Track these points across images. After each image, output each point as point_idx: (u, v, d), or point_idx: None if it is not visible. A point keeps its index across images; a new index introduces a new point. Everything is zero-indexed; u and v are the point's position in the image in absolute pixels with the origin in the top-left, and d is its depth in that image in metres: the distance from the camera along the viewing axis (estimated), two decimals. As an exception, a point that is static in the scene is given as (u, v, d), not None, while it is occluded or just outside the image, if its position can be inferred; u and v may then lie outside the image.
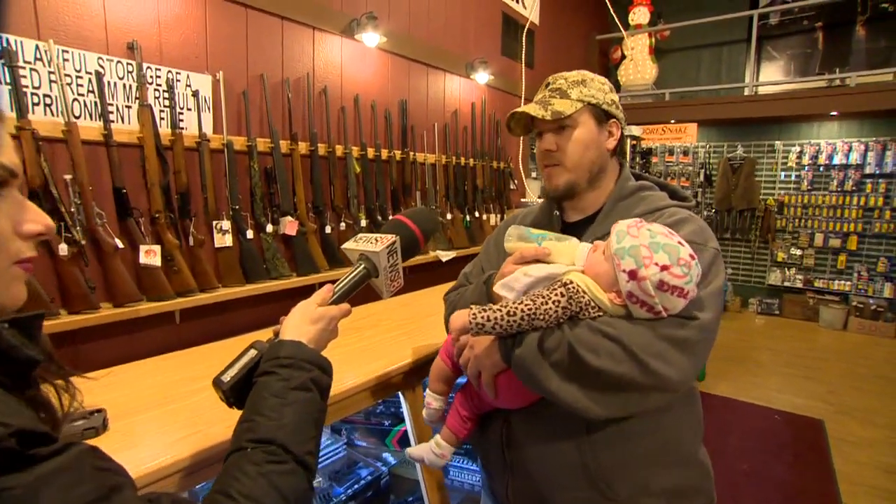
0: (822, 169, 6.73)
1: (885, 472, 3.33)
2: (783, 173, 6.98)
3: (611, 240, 0.98)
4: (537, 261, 1.07)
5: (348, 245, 1.07)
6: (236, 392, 0.88)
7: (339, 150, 3.03)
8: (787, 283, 7.01)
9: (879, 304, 6.30)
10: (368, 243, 1.04)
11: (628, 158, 5.02)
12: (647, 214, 1.15)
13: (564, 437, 1.10)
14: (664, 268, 0.92)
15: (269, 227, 2.61)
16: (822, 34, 6.67)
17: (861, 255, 6.61)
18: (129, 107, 2.10)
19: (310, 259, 2.78)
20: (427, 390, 1.29)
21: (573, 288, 0.97)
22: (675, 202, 1.20)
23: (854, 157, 6.48)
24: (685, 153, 7.31)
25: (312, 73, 2.91)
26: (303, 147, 2.81)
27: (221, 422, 1.16)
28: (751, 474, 3.31)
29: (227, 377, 0.89)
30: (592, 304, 0.97)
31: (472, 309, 0.97)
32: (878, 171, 6.40)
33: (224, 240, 2.41)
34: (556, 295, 0.97)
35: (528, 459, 1.15)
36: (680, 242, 0.95)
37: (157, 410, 1.26)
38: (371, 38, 3.16)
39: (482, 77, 4.35)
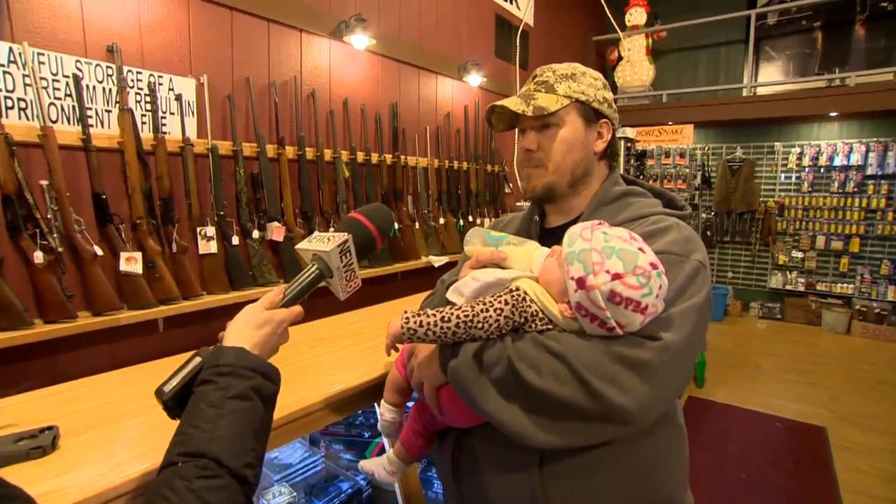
0: (822, 170, 6.74)
1: (888, 480, 3.30)
2: (783, 175, 6.98)
3: (563, 243, 0.89)
4: (494, 266, 1.01)
5: (302, 245, 1.03)
6: (178, 402, 0.85)
7: (328, 154, 3.02)
8: (788, 287, 7.00)
9: (883, 308, 6.28)
10: (320, 242, 1.01)
11: (621, 161, 5.01)
12: (630, 221, 1.06)
13: (515, 465, 0.99)
14: (616, 276, 0.82)
15: (256, 233, 2.59)
16: (820, 34, 6.69)
17: (864, 257, 6.60)
18: (108, 111, 2.09)
19: (297, 266, 2.74)
20: (382, 401, 1.23)
21: (519, 295, 0.90)
22: (667, 210, 1.11)
23: (855, 158, 6.49)
24: (682, 155, 7.31)
25: (300, 76, 2.90)
26: (290, 151, 2.79)
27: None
28: (751, 483, 3.27)
29: (168, 387, 0.85)
30: (540, 314, 0.90)
31: (405, 313, 0.92)
32: (879, 172, 6.40)
33: (209, 246, 2.38)
34: (499, 302, 0.90)
35: (479, 487, 1.05)
36: (641, 249, 0.85)
37: (113, 426, 1.19)
38: (360, 40, 3.15)
39: (475, 79, 4.34)
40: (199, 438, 0.75)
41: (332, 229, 1.09)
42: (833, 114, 6.07)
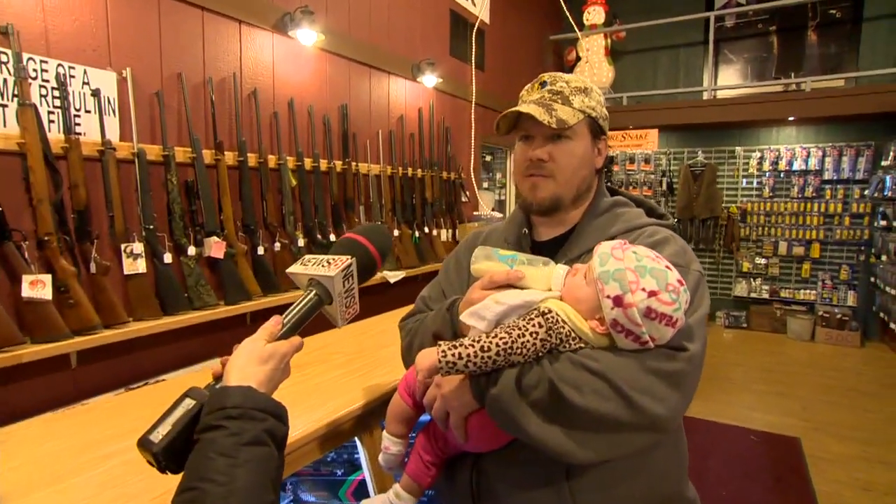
0: (782, 175, 6.91)
1: (864, 489, 3.36)
2: (745, 180, 7.14)
3: (593, 262, 0.96)
4: (509, 286, 1.04)
5: (295, 269, 1.03)
6: (171, 453, 0.80)
7: (272, 160, 2.94)
8: (753, 294, 7.14)
9: (844, 314, 6.47)
10: (319, 266, 1.01)
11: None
12: (626, 233, 1.15)
13: (543, 483, 1.05)
14: (652, 294, 0.90)
15: (192, 250, 2.48)
16: (776, 38, 6.89)
17: (824, 262, 6.79)
18: (4, 106, 1.85)
19: (240, 285, 2.67)
20: (384, 432, 1.21)
21: (553, 317, 0.94)
22: (653, 220, 1.19)
23: (813, 163, 6.68)
24: (646, 161, 7.40)
25: (240, 73, 2.79)
26: (230, 157, 2.69)
27: (145, 494, 1.02)
28: (732, 500, 3.25)
29: (157, 436, 0.80)
30: (573, 334, 0.95)
31: (440, 346, 0.93)
32: (836, 177, 6.62)
33: (135, 265, 2.24)
34: (533, 326, 0.94)
35: None
36: (668, 266, 0.94)
37: (52, 489, 1.08)
38: (307, 35, 3.03)
39: (430, 80, 4.29)
40: (216, 495, 0.71)
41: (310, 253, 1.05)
42: (791, 118, 6.23)
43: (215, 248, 2.56)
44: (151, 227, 2.30)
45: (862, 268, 6.57)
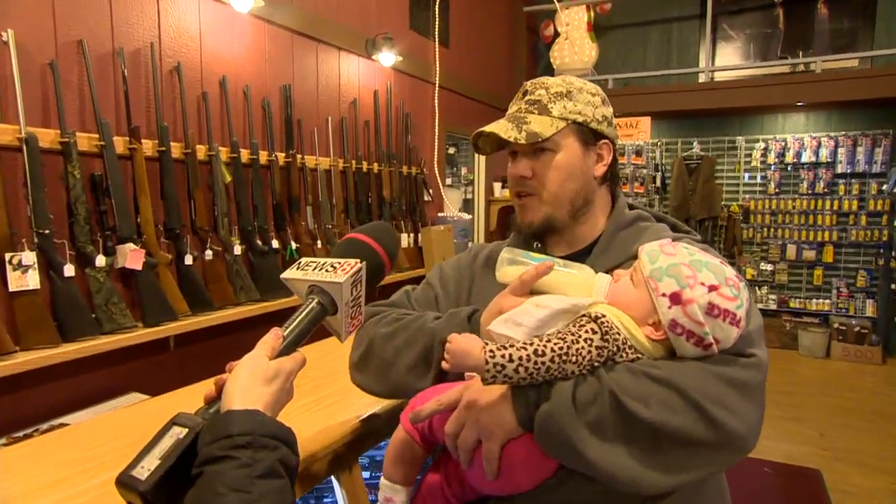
0: (790, 168, 7.06)
1: None
2: (747, 174, 7.28)
3: (640, 262, 1.01)
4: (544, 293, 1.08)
5: (292, 274, 1.06)
6: (163, 491, 0.79)
7: (201, 151, 2.94)
8: (759, 305, 7.22)
9: (863, 326, 6.60)
10: (322, 271, 1.03)
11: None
12: None
13: None
14: (712, 288, 0.94)
15: (100, 260, 2.45)
16: (781, 11, 7.04)
17: (839, 268, 6.94)
18: None
19: (162, 302, 2.65)
20: (382, 479, 1.19)
21: (607, 323, 0.97)
22: (682, 235, 1.25)
23: (824, 154, 6.84)
24: (637, 153, 7.49)
25: (159, 43, 2.75)
26: (148, 146, 2.67)
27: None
28: (751, 548, 3.25)
29: (143, 471, 0.79)
30: (629, 342, 0.98)
31: (487, 345, 0.92)
32: (850, 170, 6.78)
33: (24, 280, 2.18)
34: (587, 332, 0.96)
35: None
36: (722, 262, 0.99)
37: None
38: (241, -1, 3.03)
39: (387, 58, 4.31)
40: None
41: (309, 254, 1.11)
42: (799, 104, 6.35)
43: (131, 257, 2.53)
44: (47, 231, 2.25)
45: (881, 273, 6.69)
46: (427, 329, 1.22)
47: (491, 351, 0.91)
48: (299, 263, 1.07)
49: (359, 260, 1.04)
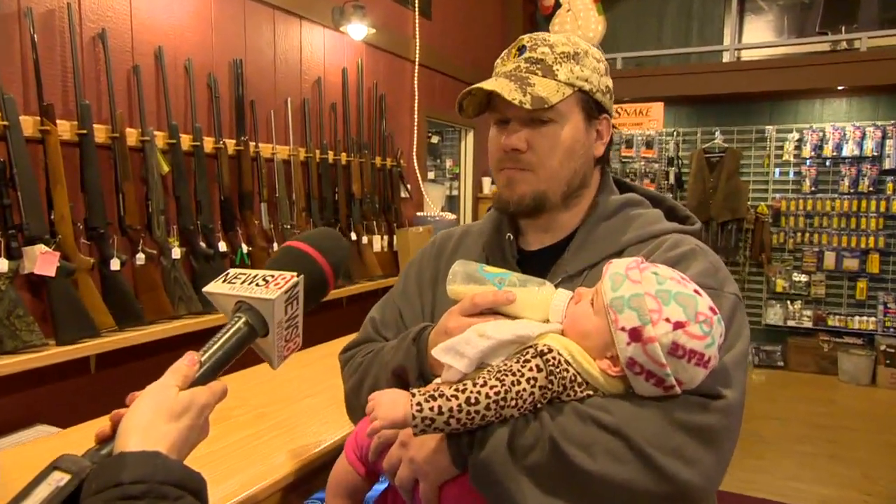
0: (828, 163, 7.06)
1: None
2: (778, 170, 7.30)
3: (603, 286, 1.02)
4: (496, 313, 1.10)
5: (216, 287, 1.04)
6: None
7: (132, 135, 2.93)
8: (791, 323, 7.27)
9: (914, 348, 6.63)
10: (252, 285, 1.01)
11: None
12: (640, 243, 1.23)
13: None
14: (678, 325, 0.95)
15: (2, 264, 2.44)
16: (821, -20, 7.04)
17: (885, 280, 6.95)
18: None
19: (81, 315, 2.62)
20: None
21: (554, 359, 0.99)
22: (675, 225, 1.27)
23: (869, 147, 6.83)
24: (648, 145, 7.45)
25: (78, 3, 2.74)
26: (65, 128, 2.65)
27: None
28: None
29: None
30: (579, 378, 1.01)
31: (414, 396, 0.96)
32: (899, 166, 6.82)
33: None
34: (529, 370, 0.98)
35: None
36: (696, 291, 1.00)
37: None
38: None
39: (357, 30, 4.31)
40: None
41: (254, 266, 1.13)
42: (840, 87, 6.34)
43: (41, 261, 2.50)
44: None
45: (936, 286, 6.70)
46: (381, 362, 1.27)
47: (418, 405, 0.95)
48: (227, 275, 1.06)
49: (296, 273, 1.02)
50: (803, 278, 7.16)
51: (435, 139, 7.05)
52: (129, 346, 2.70)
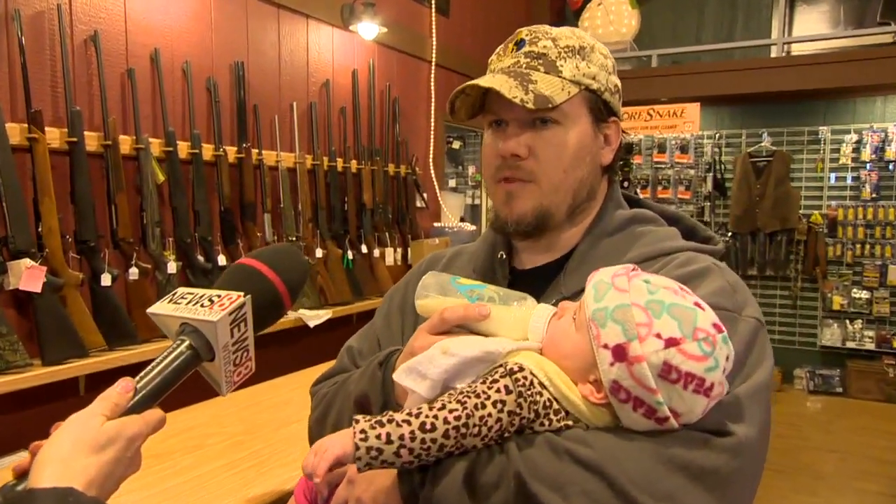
0: (891, 167, 7.01)
1: None
2: (833, 175, 7.25)
3: (586, 297, 0.97)
4: (467, 330, 1.07)
5: (161, 308, 1.03)
6: None
7: (126, 143, 2.93)
8: (850, 344, 7.20)
9: None
10: (197, 306, 1.00)
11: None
12: (648, 261, 1.16)
13: None
14: (671, 342, 0.88)
15: None
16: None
17: (957, 296, 6.89)
18: None
19: (69, 333, 2.63)
20: None
21: (524, 379, 0.94)
22: (691, 244, 1.21)
23: (937, 150, 6.79)
24: (683, 149, 7.42)
25: (69, 5, 2.75)
26: (54, 136, 2.67)
27: None
28: None
29: None
30: (555, 405, 0.95)
31: (357, 423, 0.91)
32: (971, 170, 6.75)
33: None
34: (497, 392, 0.93)
35: None
36: (698, 304, 0.93)
37: None
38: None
39: (368, 29, 4.31)
40: None
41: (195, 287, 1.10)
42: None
43: (27, 276, 2.50)
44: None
45: None
46: (345, 392, 1.25)
47: (363, 432, 0.90)
48: (174, 294, 1.05)
49: (242, 293, 1.01)
50: (864, 295, 7.10)
51: (457, 144, 7.08)
52: (121, 366, 2.68)
